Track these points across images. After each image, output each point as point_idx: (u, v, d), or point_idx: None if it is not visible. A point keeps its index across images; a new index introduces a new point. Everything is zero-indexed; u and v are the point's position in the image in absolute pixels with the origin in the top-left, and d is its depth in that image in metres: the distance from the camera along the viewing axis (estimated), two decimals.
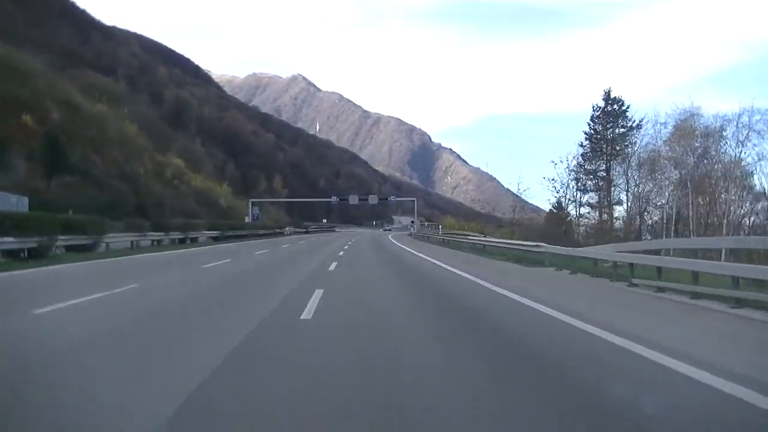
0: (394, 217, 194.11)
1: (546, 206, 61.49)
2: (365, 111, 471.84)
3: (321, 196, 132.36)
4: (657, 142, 43.49)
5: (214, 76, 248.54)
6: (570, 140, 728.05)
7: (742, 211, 37.94)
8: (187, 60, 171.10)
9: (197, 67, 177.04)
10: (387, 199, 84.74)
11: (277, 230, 54.74)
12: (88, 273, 15.49)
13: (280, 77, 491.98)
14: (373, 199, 74.84)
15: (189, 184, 51.21)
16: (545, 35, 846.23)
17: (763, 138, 35.97)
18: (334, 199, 71.49)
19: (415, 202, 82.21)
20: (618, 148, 47.82)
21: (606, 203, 47.60)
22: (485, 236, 37.40)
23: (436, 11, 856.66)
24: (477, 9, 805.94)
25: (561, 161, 47.73)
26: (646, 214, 43.14)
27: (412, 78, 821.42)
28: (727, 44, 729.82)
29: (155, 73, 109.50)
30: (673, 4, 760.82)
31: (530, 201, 64.65)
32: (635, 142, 46.76)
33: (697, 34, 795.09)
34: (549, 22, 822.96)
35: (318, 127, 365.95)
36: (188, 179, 51.95)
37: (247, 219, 57.67)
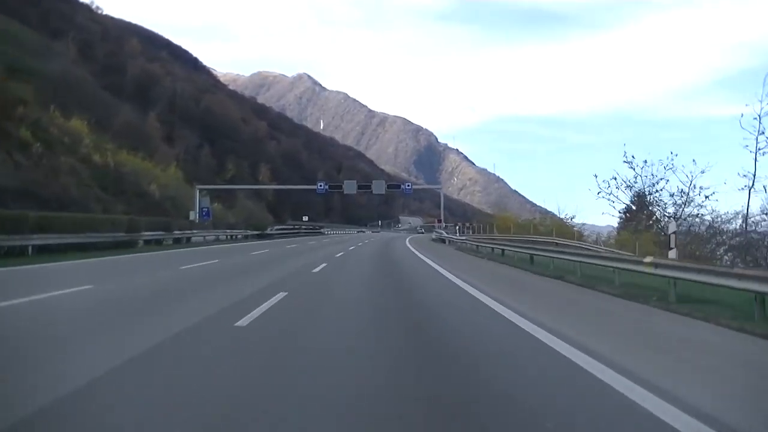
0: (401, 217, 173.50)
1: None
2: (371, 110, 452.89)
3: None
4: None
5: (218, 75, 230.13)
6: (573, 142, 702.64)
7: None
8: (185, 52, 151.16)
9: (195, 60, 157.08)
10: (400, 187, 61.55)
11: (145, 234, 25.17)
12: None
13: (285, 76, 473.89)
14: (378, 187, 53.09)
15: (86, 158, 31.67)
16: (553, 38, 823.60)
17: None
18: (321, 186, 50.08)
19: (441, 193, 59.87)
20: None
21: None
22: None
23: (443, 12, 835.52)
24: (484, 11, 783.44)
25: None
26: None
27: (419, 78, 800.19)
28: (736, 47, 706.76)
29: (123, 45, 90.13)
30: (673, 12, 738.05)
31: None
32: None
33: (703, 38, 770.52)
34: (557, 25, 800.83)
35: (322, 125, 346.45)
36: (87, 153, 32.29)
37: (193, 216, 38.14)
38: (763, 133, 26.23)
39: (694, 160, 50.25)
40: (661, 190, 37.70)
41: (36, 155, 25.35)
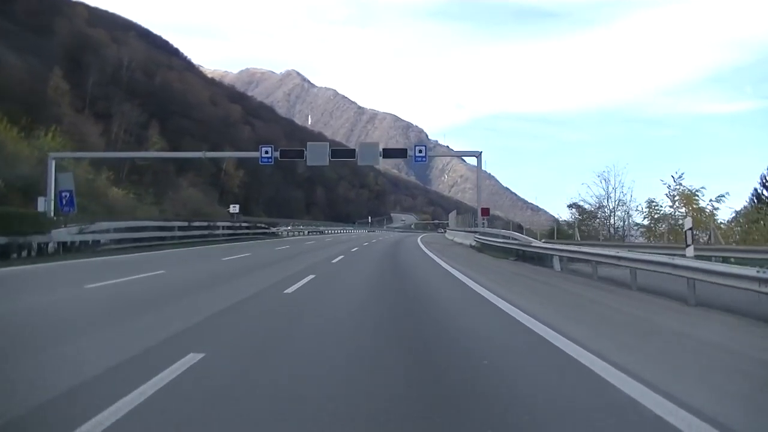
0: (393, 214, 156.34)
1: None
2: (360, 107, 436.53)
3: (298, 183, 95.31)
4: None
5: (206, 72, 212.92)
6: (563, 140, 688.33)
7: None
8: (166, 42, 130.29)
9: (176, 50, 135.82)
10: (405, 154, 33.53)
11: None
12: None
13: (274, 72, 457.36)
14: (367, 154, 30.02)
15: None
16: (543, 35, 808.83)
17: None
18: (267, 153, 27.28)
19: (480, 160, 33.67)
20: None
21: None
22: None
23: (433, 10, 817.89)
24: (475, 8, 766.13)
25: None
26: None
27: (408, 75, 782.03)
28: (724, 45, 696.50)
29: (59, 7, 72.57)
30: (663, 9, 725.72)
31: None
32: None
33: (694, 36, 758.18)
34: (546, 22, 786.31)
35: (310, 121, 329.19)
36: None
37: (43, 205, 21.23)
38: None
39: None
40: None
41: None
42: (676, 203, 27.45)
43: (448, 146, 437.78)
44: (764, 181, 27.55)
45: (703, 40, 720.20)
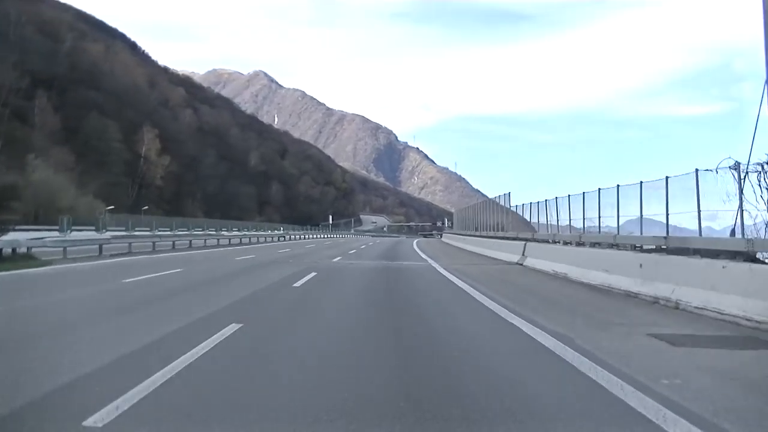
0: (362, 216, 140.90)
1: None
2: (329, 108, 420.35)
3: (249, 178, 79.33)
4: None
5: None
6: (531, 141, 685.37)
7: None
8: (123, 35, 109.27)
9: (134, 43, 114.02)
10: None
11: None
12: None
13: (241, 74, 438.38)
14: None
15: None
16: (510, 38, 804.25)
17: None
18: None
19: None
20: None
21: None
22: None
23: (399, 11, 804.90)
24: (442, 10, 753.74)
25: None
26: None
27: (376, 76, 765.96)
28: (690, 48, 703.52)
29: None
30: (630, 12, 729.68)
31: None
32: None
33: (661, 38, 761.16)
34: (515, 25, 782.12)
35: (276, 120, 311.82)
36: None
37: None
38: None
39: None
40: None
41: None
42: None
43: (417, 148, 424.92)
44: None
45: (671, 42, 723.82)
